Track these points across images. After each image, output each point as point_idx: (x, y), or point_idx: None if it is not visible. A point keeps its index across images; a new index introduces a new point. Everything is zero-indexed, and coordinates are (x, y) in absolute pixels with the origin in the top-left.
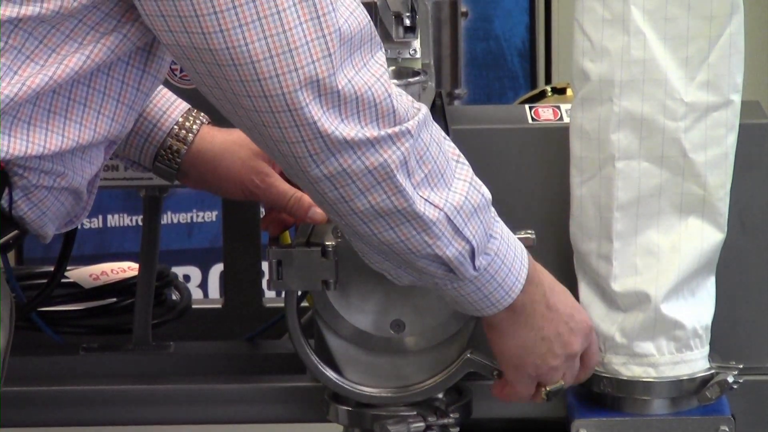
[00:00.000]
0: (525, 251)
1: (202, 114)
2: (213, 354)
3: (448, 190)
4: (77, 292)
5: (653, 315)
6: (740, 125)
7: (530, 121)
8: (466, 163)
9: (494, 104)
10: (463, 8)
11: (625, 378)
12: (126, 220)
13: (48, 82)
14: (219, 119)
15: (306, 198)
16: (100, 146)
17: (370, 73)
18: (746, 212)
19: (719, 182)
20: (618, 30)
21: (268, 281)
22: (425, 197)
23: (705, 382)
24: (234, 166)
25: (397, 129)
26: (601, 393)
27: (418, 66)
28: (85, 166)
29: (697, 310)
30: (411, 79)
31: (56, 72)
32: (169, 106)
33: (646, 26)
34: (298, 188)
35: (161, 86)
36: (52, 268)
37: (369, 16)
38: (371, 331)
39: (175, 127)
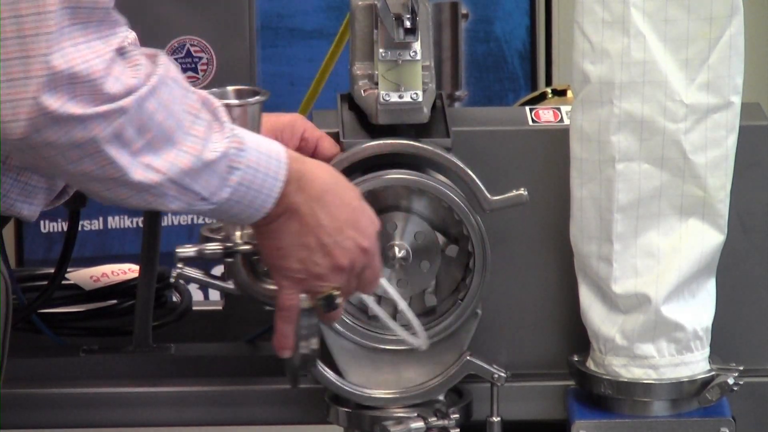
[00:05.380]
0: (282, 161)
1: None
2: (213, 356)
3: (176, 152)
4: (78, 293)
5: (653, 317)
6: (740, 127)
7: (530, 122)
8: (206, 117)
9: (495, 106)
10: (463, 10)
11: (626, 380)
12: (126, 221)
13: None
14: None
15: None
16: None
17: (91, 50)
18: (746, 214)
19: (719, 184)
20: (618, 32)
21: None
22: (147, 163)
23: (705, 383)
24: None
25: (106, 107)
26: (602, 395)
27: (417, 68)
28: None
29: (698, 311)
30: (250, 99)
31: None
32: None
33: (646, 28)
34: None
35: None
36: (52, 270)
37: (113, 2)
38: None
39: None
